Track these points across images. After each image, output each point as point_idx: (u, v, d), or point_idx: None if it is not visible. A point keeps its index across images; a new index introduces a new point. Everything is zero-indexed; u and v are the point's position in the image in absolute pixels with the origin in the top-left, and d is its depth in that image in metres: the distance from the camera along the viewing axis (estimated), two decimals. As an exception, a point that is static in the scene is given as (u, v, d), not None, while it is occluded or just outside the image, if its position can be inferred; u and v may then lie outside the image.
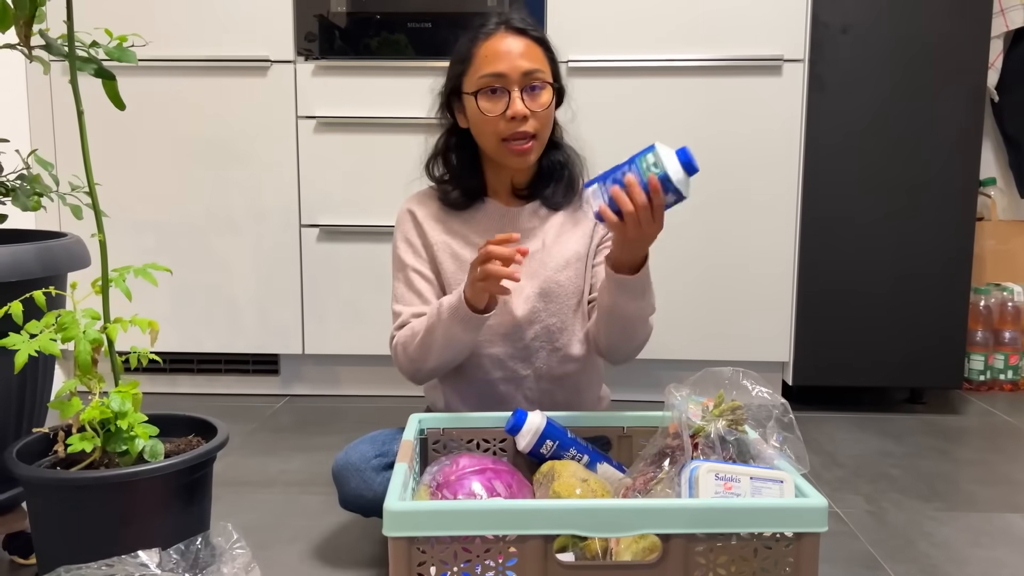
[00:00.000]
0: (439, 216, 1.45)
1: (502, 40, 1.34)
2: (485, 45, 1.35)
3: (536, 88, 1.35)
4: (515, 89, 1.33)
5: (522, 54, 1.34)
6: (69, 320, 1.17)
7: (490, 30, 1.36)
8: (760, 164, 2.18)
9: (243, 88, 2.21)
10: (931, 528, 1.55)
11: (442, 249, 1.43)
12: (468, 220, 1.45)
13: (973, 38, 2.12)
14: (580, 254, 1.44)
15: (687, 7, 2.14)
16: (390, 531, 0.96)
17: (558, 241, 1.44)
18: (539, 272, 1.42)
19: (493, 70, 1.33)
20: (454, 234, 1.44)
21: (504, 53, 1.33)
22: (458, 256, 1.43)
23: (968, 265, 2.18)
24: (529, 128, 1.34)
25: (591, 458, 1.24)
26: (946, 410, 2.30)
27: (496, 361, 1.42)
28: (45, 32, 1.26)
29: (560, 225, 1.46)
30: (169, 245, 2.27)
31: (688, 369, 1.24)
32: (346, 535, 1.50)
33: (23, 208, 1.45)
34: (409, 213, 1.47)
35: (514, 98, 1.33)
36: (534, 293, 1.41)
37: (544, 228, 1.45)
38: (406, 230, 1.46)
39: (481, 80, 1.34)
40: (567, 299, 1.42)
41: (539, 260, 1.42)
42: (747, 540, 0.98)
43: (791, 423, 1.10)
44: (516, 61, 1.33)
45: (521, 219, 1.45)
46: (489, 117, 1.34)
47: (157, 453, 1.19)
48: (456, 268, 1.42)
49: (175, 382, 2.38)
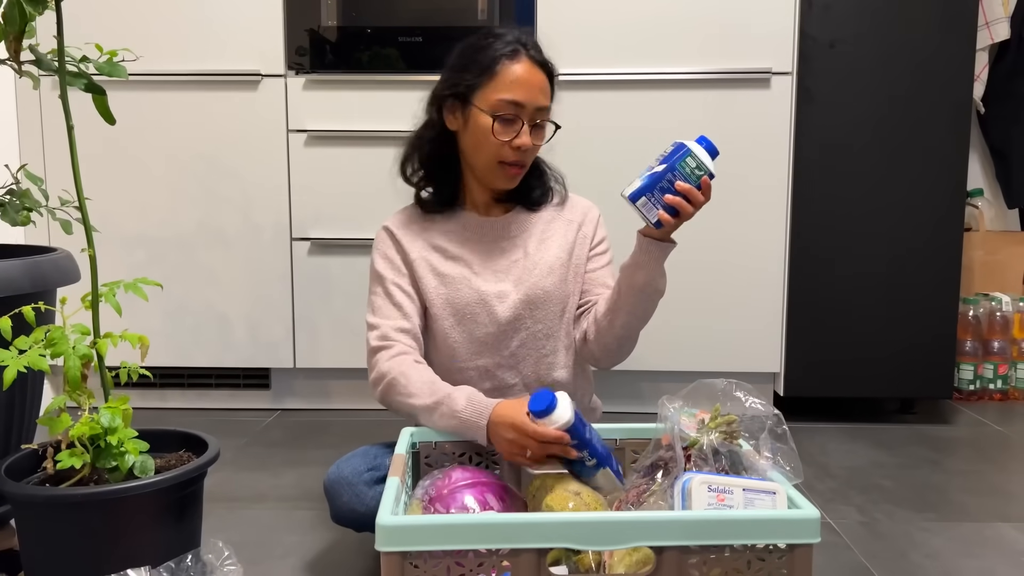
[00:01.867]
0: (418, 232, 1.46)
1: (527, 69, 1.37)
2: (510, 68, 1.36)
3: (541, 126, 1.40)
4: (526, 121, 1.37)
5: (541, 89, 1.38)
6: (58, 335, 1.17)
7: (514, 52, 1.37)
8: (749, 175, 2.19)
9: (234, 102, 2.21)
10: (923, 539, 1.55)
11: (422, 265, 1.43)
12: (446, 232, 1.46)
13: (959, 51, 2.14)
14: (563, 260, 1.45)
15: (677, 20, 2.16)
16: (383, 546, 0.95)
17: (540, 248, 1.46)
18: (524, 279, 1.43)
19: (514, 97, 1.35)
20: (433, 248, 1.45)
21: (527, 83, 1.36)
22: (438, 270, 1.43)
23: (957, 276, 2.20)
24: (525, 158, 1.40)
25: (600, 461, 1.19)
26: (937, 420, 2.31)
27: (483, 371, 1.43)
28: (35, 47, 1.26)
29: (541, 232, 1.47)
30: (159, 259, 2.26)
31: (680, 381, 1.24)
32: (338, 550, 1.49)
33: (12, 223, 1.44)
34: (387, 231, 1.48)
35: (524, 130, 1.37)
36: (519, 300, 1.42)
37: (525, 236, 1.47)
38: (384, 248, 1.47)
39: (500, 103, 1.35)
40: (552, 306, 1.44)
41: (523, 267, 1.44)
42: (740, 552, 0.98)
43: (784, 434, 1.10)
44: (535, 95, 1.37)
45: (500, 229, 1.47)
46: (497, 139, 1.36)
47: (147, 469, 1.18)
48: (438, 283, 1.43)
49: (165, 397, 2.36)
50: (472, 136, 1.40)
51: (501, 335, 1.42)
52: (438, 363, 1.44)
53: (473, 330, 1.42)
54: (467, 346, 1.42)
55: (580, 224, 1.50)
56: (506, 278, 1.43)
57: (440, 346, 1.44)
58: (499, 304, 1.41)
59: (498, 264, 1.45)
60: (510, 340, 1.43)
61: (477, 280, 1.43)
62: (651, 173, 1.25)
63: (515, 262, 1.44)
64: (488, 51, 1.38)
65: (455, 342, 1.42)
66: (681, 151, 1.24)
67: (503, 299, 1.41)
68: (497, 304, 1.41)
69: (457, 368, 1.43)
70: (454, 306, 1.41)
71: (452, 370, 1.43)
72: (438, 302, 1.42)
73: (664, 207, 1.24)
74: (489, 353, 1.43)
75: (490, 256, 1.45)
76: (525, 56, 1.37)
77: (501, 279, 1.44)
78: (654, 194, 1.25)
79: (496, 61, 1.37)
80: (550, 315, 1.43)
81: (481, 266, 1.44)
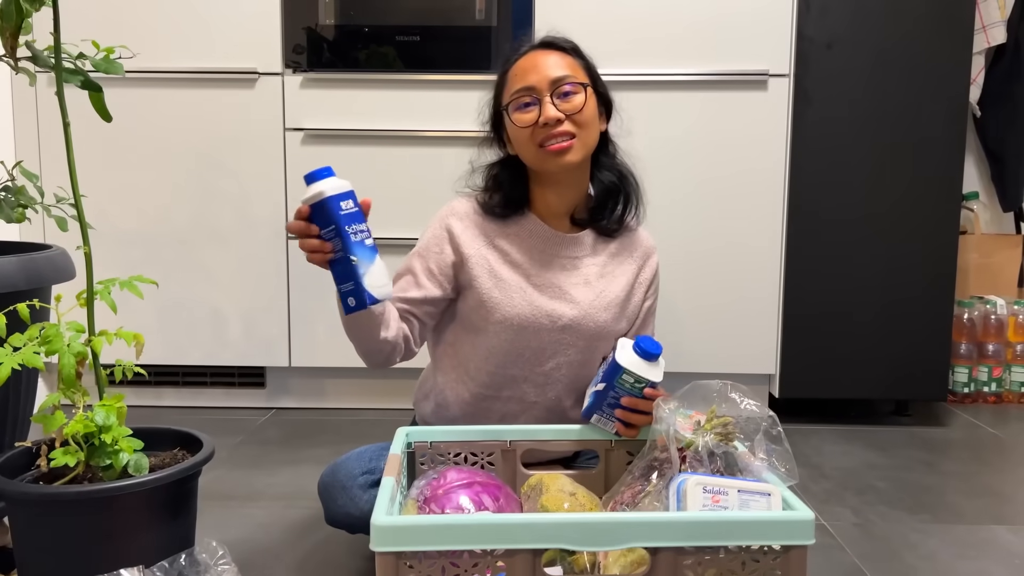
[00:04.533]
0: (481, 228, 1.41)
1: (532, 56, 1.37)
2: (516, 65, 1.38)
3: (568, 93, 1.34)
4: (546, 97, 1.34)
5: (551, 64, 1.35)
6: (53, 333, 1.16)
7: (522, 52, 1.39)
8: (746, 178, 2.19)
9: (231, 100, 2.21)
10: (917, 540, 1.56)
11: (478, 263, 1.38)
12: (509, 236, 1.41)
13: (956, 54, 2.14)
14: (621, 300, 1.42)
15: (673, 22, 2.16)
16: (378, 546, 0.95)
17: (602, 280, 1.42)
18: (581, 306, 1.39)
19: (523, 84, 1.35)
20: (493, 248, 1.40)
21: (533, 66, 1.35)
22: (495, 272, 1.38)
23: (952, 278, 2.20)
24: (566, 128, 1.33)
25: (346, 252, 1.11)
26: (931, 422, 2.32)
27: (509, 379, 1.41)
28: (31, 43, 1.25)
29: (604, 263, 1.43)
30: (155, 257, 2.25)
31: (675, 382, 1.24)
32: (333, 550, 1.48)
33: (7, 220, 1.44)
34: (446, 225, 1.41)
35: (545, 103, 1.33)
36: (570, 324, 1.38)
37: (589, 261, 1.42)
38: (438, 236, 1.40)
39: (513, 95, 1.36)
40: (600, 340, 1.40)
41: (583, 294, 1.40)
42: (735, 553, 0.98)
43: (780, 435, 1.11)
44: (545, 71, 1.34)
45: (561, 246, 1.42)
46: (524, 128, 1.34)
47: (141, 467, 1.18)
48: (492, 284, 1.38)
49: (160, 395, 2.36)
50: (513, 141, 1.39)
51: (540, 352, 1.39)
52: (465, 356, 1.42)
53: (515, 339, 1.38)
54: (503, 352, 1.39)
55: (641, 267, 1.46)
56: (562, 298, 1.39)
57: (477, 344, 1.40)
58: (549, 323, 1.38)
59: (557, 279, 1.40)
60: (547, 360, 1.40)
61: (532, 292, 1.38)
62: (595, 391, 1.27)
63: (575, 285, 1.40)
64: (504, 65, 1.41)
65: (492, 345, 1.38)
66: (617, 372, 1.23)
67: (555, 319, 1.38)
68: (547, 322, 1.37)
69: (486, 371, 1.40)
70: (503, 311, 1.37)
71: (476, 368, 1.41)
72: (488, 303, 1.38)
73: (619, 420, 1.26)
74: (522, 366, 1.40)
75: (549, 269, 1.41)
76: (531, 48, 1.39)
77: (557, 297, 1.39)
78: (604, 411, 1.26)
79: (506, 66, 1.40)
80: (593, 348, 1.41)
81: (539, 278, 1.40)
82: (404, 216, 2.18)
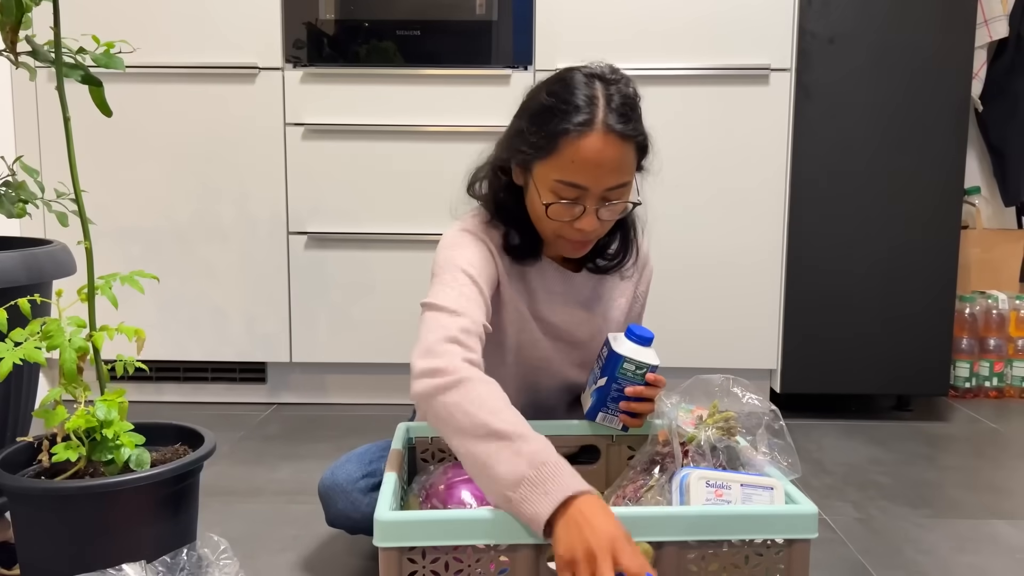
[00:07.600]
0: (508, 268, 1.31)
1: (597, 146, 1.15)
2: (576, 147, 1.15)
3: (615, 201, 1.21)
4: (591, 202, 1.19)
5: (614, 167, 1.17)
6: (54, 328, 1.16)
7: (585, 125, 1.15)
8: (747, 172, 2.19)
9: (231, 95, 2.21)
10: (918, 535, 1.56)
11: (510, 299, 1.31)
12: (531, 279, 1.34)
13: (958, 48, 2.14)
14: (620, 322, 1.42)
15: (674, 16, 2.15)
16: (381, 541, 0.95)
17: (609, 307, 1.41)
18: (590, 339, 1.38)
19: (574, 180, 1.17)
20: (520, 291, 1.32)
21: (595, 164, 1.15)
22: (521, 314, 1.32)
23: (953, 273, 2.20)
24: (590, 237, 1.24)
25: None
26: (933, 417, 2.32)
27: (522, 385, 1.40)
28: (32, 38, 1.25)
29: (610, 291, 1.42)
30: (156, 252, 2.25)
31: (676, 377, 1.24)
32: (335, 545, 1.48)
33: (8, 215, 1.43)
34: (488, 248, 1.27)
35: (589, 211, 1.19)
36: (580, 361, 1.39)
37: (597, 293, 1.41)
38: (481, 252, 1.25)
39: (558, 185, 1.18)
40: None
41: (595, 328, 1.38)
42: (738, 547, 0.98)
43: (782, 429, 1.11)
44: (603, 177, 1.17)
45: (579, 285, 1.38)
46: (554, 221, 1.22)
47: (143, 462, 1.18)
48: (518, 328, 1.32)
49: (161, 390, 2.36)
50: (532, 206, 1.25)
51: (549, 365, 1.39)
52: None
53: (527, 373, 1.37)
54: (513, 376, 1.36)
55: (637, 283, 1.44)
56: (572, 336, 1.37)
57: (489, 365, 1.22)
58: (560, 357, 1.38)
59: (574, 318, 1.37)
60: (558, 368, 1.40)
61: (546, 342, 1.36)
62: (596, 389, 1.27)
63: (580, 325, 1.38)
64: (557, 119, 1.16)
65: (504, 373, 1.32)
66: (616, 361, 1.23)
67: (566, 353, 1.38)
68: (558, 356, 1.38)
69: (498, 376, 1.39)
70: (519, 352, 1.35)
71: None
72: (505, 344, 1.33)
73: (624, 412, 1.26)
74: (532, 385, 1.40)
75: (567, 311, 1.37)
76: (599, 129, 1.15)
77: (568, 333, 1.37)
78: (608, 407, 1.26)
79: (564, 135, 1.16)
80: None
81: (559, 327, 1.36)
82: (404, 211, 2.18)
